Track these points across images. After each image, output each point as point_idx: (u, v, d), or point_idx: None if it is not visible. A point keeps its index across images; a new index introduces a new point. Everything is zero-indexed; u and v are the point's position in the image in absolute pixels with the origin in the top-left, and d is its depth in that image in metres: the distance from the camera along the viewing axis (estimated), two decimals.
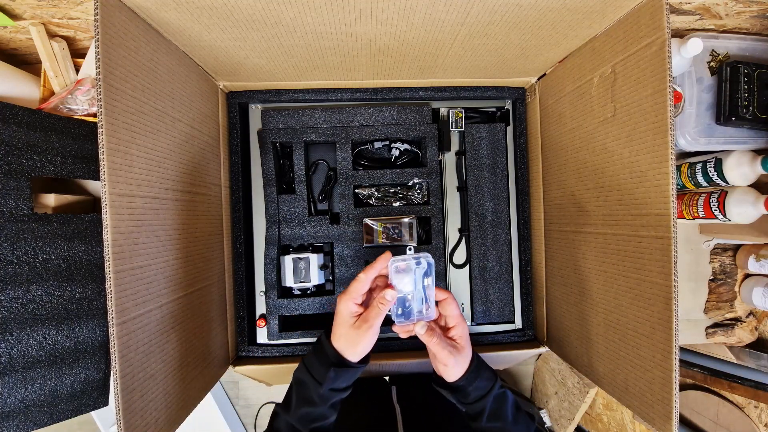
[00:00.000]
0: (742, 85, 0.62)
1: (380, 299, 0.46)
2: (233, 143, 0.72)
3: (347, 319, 0.47)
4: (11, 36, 0.68)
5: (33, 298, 0.57)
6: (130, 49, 0.43)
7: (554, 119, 0.68)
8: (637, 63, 0.47)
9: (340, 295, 0.48)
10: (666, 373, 0.44)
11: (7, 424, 0.55)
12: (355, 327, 0.46)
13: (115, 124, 0.41)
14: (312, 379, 0.46)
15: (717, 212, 0.66)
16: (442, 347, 0.47)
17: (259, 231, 0.74)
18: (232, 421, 1.45)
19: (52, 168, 0.59)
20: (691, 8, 0.62)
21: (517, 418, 0.48)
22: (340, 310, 0.47)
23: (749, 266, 0.80)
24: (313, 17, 0.47)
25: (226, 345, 0.69)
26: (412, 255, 0.48)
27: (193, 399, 0.57)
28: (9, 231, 0.54)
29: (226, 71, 0.64)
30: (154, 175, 0.48)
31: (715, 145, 0.66)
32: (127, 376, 0.42)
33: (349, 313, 0.47)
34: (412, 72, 0.67)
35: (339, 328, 0.47)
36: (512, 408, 0.49)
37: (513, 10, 0.47)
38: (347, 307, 0.47)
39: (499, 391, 0.49)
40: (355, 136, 0.71)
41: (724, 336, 0.84)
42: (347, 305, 0.47)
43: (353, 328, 0.46)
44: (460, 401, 0.49)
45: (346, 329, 0.47)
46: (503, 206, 0.76)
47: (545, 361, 1.36)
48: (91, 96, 0.69)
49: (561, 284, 0.68)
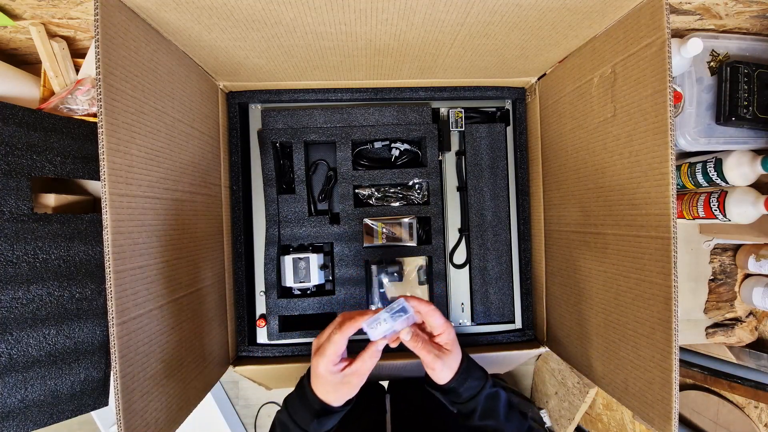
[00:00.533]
0: (742, 85, 0.62)
1: (372, 354, 0.45)
2: (233, 143, 0.72)
3: (331, 378, 0.44)
4: (11, 36, 0.68)
5: (33, 298, 0.57)
6: (130, 49, 0.43)
7: (554, 119, 0.68)
8: (637, 63, 0.47)
9: (316, 357, 0.45)
10: (666, 373, 0.44)
11: (7, 424, 0.55)
12: (344, 383, 0.44)
13: (115, 124, 0.41)
14: (295, 425, 0.46)
15: (717, 212, 0.66)
16: (427, 351, 0.46)
17: (259, 231, 0.74)
18: (232, 421, 1.45)
19: (52, 168, 0.59)
20: (691, 8, 0.62)
21: (509, 416, 0.49)
22: (321, 372, 0.44)
23: (749, 266, 0.80)
24: (313, 17, 0.47)
25: (226, 345, 0.69)
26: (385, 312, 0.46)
27: (193, 399, 0.57)
28: (9, 231, 0.54)
29: (226, 71, 0.64)
30: (154, 175, 0.48)
31: (715, 145, 0.66)
32: (127, 376, 0.42)
33: (332, 375, 0.44)
34: (412, 72, 0.67)
35: (324, 387, 0.45)
36: (504, 407, 0.49)
37: (513, 11, 0.47)
38: (329, 369, 0.44)
39: (490, 390, 0.49)
40: (355, 136, 0.71)
41: (724, 336, 0.84)
42: (327, 367, 0.44)
43: (341, 384, 0.44)
44: (453, 402, 0.50)
45: (333, 387, 0.44)
46: (503, 206, 0.76)
47: (545, 361, 1.36)
48: (91, 96, 0.69)
49: (561, 284, 0.68)
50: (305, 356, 0.71)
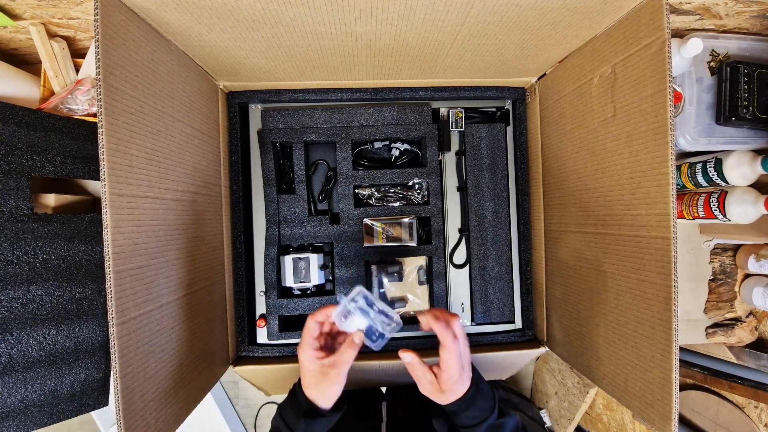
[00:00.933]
0: (742, 85, 0.62)
1: (348, 344, 0.46)
2: (233, 143, 0.72)
3: (311, 367, 0.46)
4: (11, 36, 0.68)
5: (33, 298, 0.57)
6: (130, 49, 0.43)
7: (554, 119, 0.68)
8: (637, 63, 0.47)
9: (298, 347, 0.48)
10: (666, 373, 0.44)
11: (7, 424, 0.55)
12: (323, 374, 0.46)
13: (115, 124, 0.41)
14: (286, 427, 0.46)
15: (717, 212, 0.66)
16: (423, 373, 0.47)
17: (259, 231, 0.74)
18: (232, 421, 1.45)
19: (52, 168, 0.59)
20: (691, 8, 0.62)
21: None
22: (302, 360, 0.47)
23: (749, 266, 0.80)
24: (313, 17, 0.47)
25: (226, 345, 0.69)
26: (345, 299, 0.49)
27: (193, 399, 0.57)
28: (9, 231, 0.54)
29: (226, 71, 0.64)
30: (154, 175, 0.48)
31: (715, 145, 0.66)
32: (127, 376, 0.42)
33: (311, 361, 0.46)
34: (412, 72, 0.67)
35: (307, 378, 0.47)
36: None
37: (513, 11, 0.47)
38: (307, 355, 0.47)
39: (495, 422, 0.47)
40: (355, 136, 0.71)
41: (724, 336, 0.84)
42: (306, 353, 0.47)
43: (321, 375, 0.46)
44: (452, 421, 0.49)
45: (314, 377, 0.46)
46: (503, 206, 0.76)
47: (545, 361, 1.36)
48: (91, 96, 0.69)
49: (561, 284, 0.68)
50: None
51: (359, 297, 0.48)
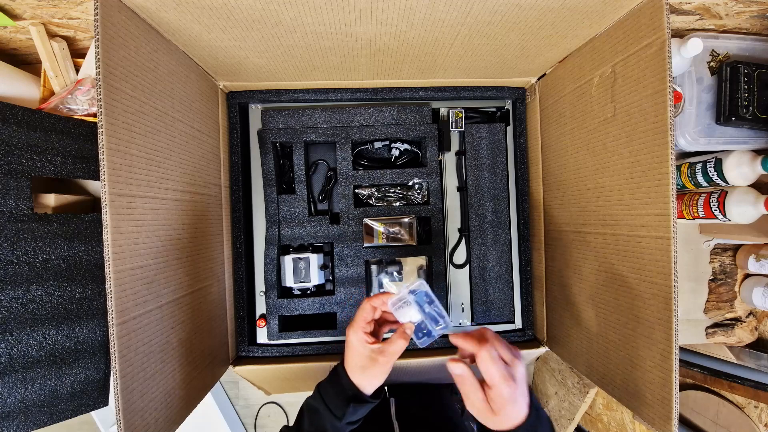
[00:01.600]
0: (742, 85, 0.62)
1: (400, 334, 0.46)
2: (233, 143, 0.72)
3: (361, 350, 0.46)
4: (11, 36, 0.68)
5: (33, 298, 0.57)
6: (130, 49, 0.43)
7: (554, 119, 0.68)
8: (637, 63, 0.47)
9: (349, 327, 0.47)
10: (666, 374, 0.44)
11: (7, 424, 0.55)
12: (372, 359, 0.45)
13: (115, 124, 0.41)
14: (328, 410, 0.45)
15: (717, 212, 0.66)
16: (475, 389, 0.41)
17: (259, 231, 0.74)
18: (232, 421, 1.45)
19: (52, 168, 0.59)
20: (691, 8, 0.62)
21: None
22: (352, 341, 0.46)
23: (749, 266, 0.80)
24: (313, 17, 0.47)
25: (226, 345, 0.69)
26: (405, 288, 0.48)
27: (193, 399, 0.57)
28: (9, 231, 0.54)
29: (226, 71, 0.64)
30: (154, 175, 0.48)
31: (715, 145, 0.66)
32: (127, 376, 0.42)
33: (361, 344, 0.46)
34: (412, 72, 0.67)
35: (354, 359, 0.46)
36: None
37: (513, 10, 0.47)
38: (359, 337, 0.46)
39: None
40: (355, 136, 0.71)
41: (724, 336, 0.84)
42: (358, 335, 0.46)
43: (370, 360, 0.45)
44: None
45: (362, 361, 0.45)
46: (503, 206, 0.76)
47: (545, 361, 1.36)
48: (91, 96, 0.69)
49: (561, 284, 0.68)
50: (305, 356, 0.71)
51: (420, 290, 0.48)
